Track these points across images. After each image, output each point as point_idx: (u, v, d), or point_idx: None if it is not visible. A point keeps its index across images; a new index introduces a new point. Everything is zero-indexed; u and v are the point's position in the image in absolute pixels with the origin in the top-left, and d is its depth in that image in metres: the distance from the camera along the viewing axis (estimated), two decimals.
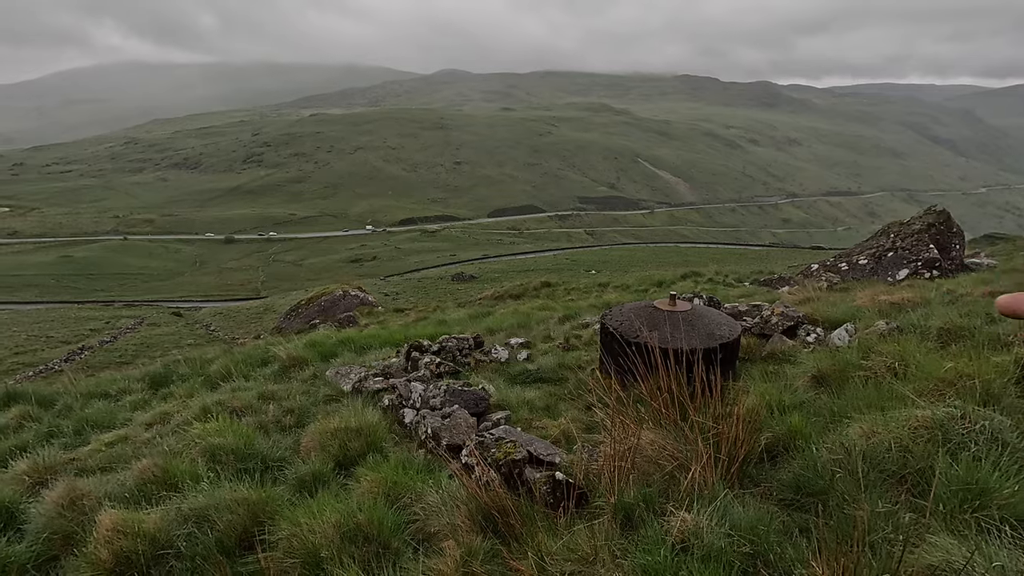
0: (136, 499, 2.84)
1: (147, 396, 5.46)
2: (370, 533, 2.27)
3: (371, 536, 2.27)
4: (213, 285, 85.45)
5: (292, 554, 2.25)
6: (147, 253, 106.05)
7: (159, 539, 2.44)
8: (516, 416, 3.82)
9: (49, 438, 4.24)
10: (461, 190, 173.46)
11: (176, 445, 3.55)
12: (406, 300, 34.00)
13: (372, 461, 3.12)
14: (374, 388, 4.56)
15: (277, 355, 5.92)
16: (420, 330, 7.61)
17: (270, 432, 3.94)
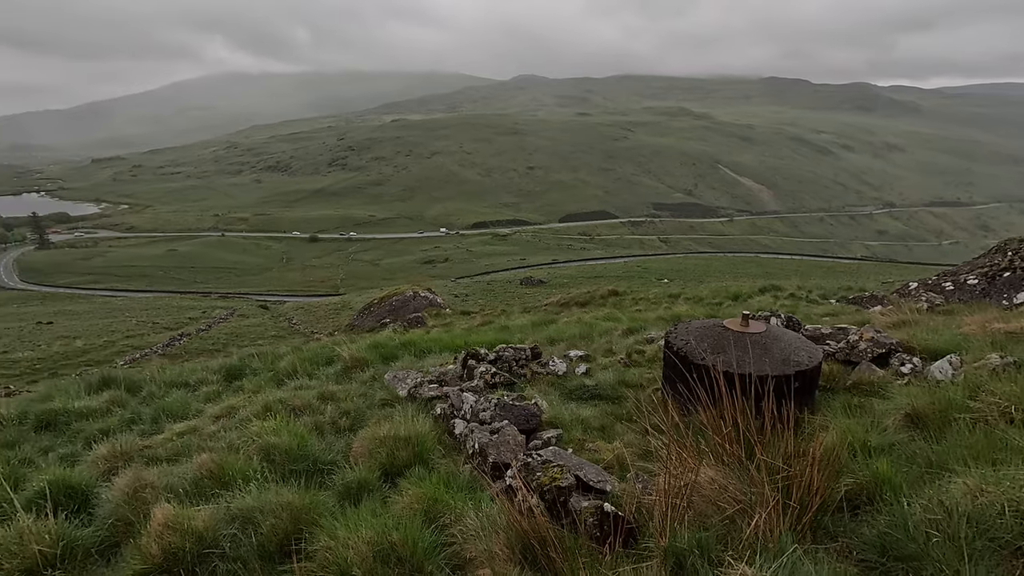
0: (191, 494, 2.94)
1: (220, 388, 5.76)
2: (403, 554, 2.20)
3: (404, 557, 2.19)
4: (297, 281, 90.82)
5: (326, 568, 2.22)
6: (241, 249, 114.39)
7: (206, 538, 2.50)
8: (568, 436, 3.65)
9: (130, 424, 4.55)
10: (533, 195, 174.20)
11: (236, 441, 3.68)
12: (474, 302, 34.48)
13: (417, 474, 3.07)
14: (428, 395, 4.54)
15: (341, 355, 6.07)
16: (481, 336, 7.58)
17: (325, 433, 4.00)
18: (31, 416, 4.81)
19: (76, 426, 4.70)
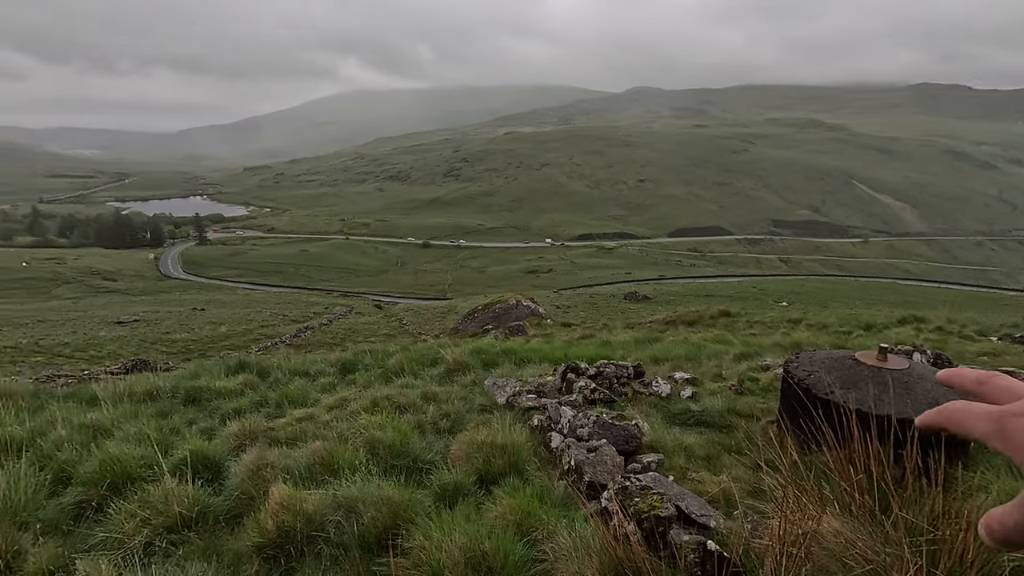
0: (304, 478, 3.16)
1: (336, 380, 6.20)
2: (494, 565, 2.19)
3: (494, 568, 2.18)
4: (409, 284, 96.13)
5: (419, 567, 2.27)
6: (361, 252, 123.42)
7: (314, 521, 2.66)
8: (670, 463, 3.46)
9: (258, 406, 5.03)
10: (642, 208, 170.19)
11: (346, 432, 3.91)
12: (575, 315, 34.22)
13: (511, 484, 3.05)
14: (525, 405, 4.54)
15: (444, 358, 6.27)
16: (581, 349, 7.47)
17: (426, 432, 4.13)
18: (181, 391, 5.49)
19: (215, 403, 5.28)
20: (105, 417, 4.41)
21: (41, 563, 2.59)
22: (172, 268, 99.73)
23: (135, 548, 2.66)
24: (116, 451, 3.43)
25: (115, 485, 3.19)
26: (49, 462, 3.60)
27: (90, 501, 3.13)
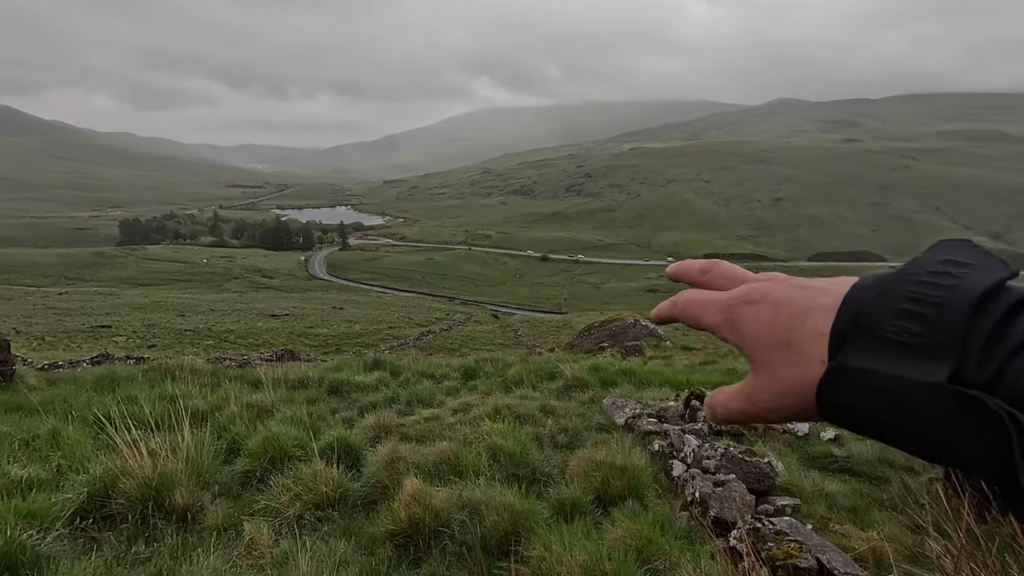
0: (432, 474, 3.36)
1: (459, 385, 6.50)
2: None
3: None
4: (526, 296, 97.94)
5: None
6: (482, 262, 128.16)
7: (441, 517, 2.82)
8: (808, 509, 3.16)
9: (390, 402, 5.43)
10: (776, 228, 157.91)
11: (469, 436, 4.09)
12: (696, 338, 32.56)
13: (631, 508, 2.99)
14: (646, 429, 4.42)
15: (563, 372, 6.31)
16: (704, 376, 7.11)
17: (544, 445, 4.18)
18: (326, 382, 6.10)
19: (354, 396, 5.79)
20: (266, 399, 5.04)
21: (217, 520, 3.02)
22: (318, 269, 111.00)
23: (289, 519, 3.00)
24: (276, 430, 3.90)
25: (274, 460, 3.63)
26: (224, 433, 4.19)
27: (254, 472, 3.59)
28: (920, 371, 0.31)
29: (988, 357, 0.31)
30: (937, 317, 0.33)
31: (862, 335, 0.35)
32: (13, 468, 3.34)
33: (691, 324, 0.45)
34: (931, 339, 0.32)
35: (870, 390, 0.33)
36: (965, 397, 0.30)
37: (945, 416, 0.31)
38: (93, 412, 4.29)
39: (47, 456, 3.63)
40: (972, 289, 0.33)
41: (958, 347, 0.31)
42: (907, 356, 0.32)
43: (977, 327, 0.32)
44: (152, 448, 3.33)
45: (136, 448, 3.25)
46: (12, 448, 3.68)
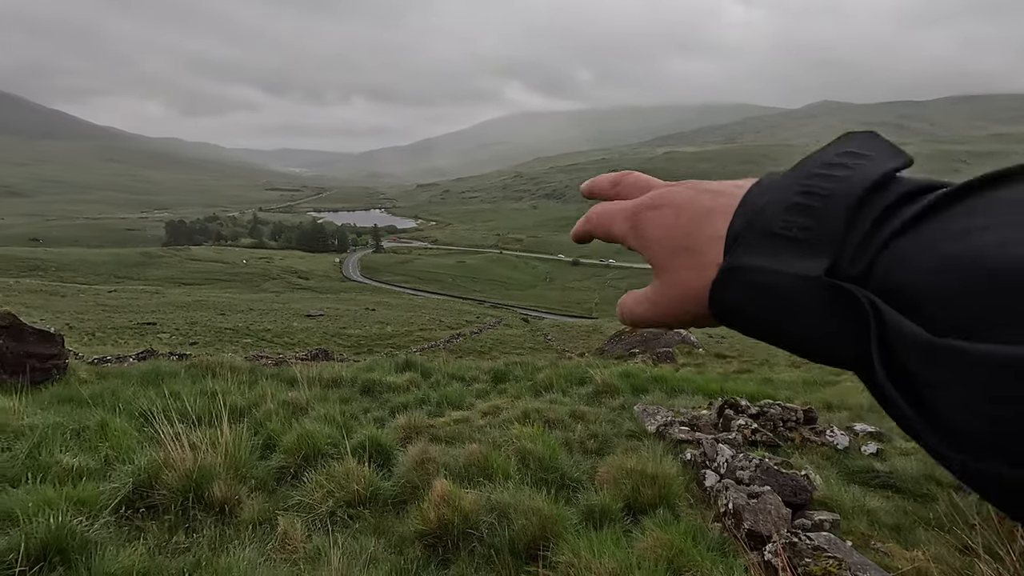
0: (461, 476, 3.37)
1: (488, 388, 6.52)
2: None
3: None
4: (556, 300, 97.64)
5: None
6: (512, 266, 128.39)
7: (470, 519, 2.83)
8: (847, 526, 3.05)
9: (421, 403, 5.48)
10: None
11: (498, 439, 4.09)
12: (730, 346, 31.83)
13: (661, 517, 2.95)
14: (677, 437, 4.34)
15: (593, 378, 6.26)
16: (739, 385, 6.94)
17: (573, 451, 4.16)
18: (359, 381, 6.20)
19: (385, 396, 5.87)
20: (301, 397, 5.16)
21: (253, 513, 3.10)
22: (352, 271, 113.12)
23: (322, 515, 3.06)
24: (310, 428, 3.99)
25: (308, 457, 3.71)
26: (260, 429, 4.31)
27: (289, 468, 3.68)
28: (800, 265, 0.30)
29: (863, 250, 0.29)
30: (823, 210, 0.31)
31: (754, 233, 0.33)
32: (65, 457, 3.51)
33: (604, 238, 0.45)
34: (815, 232, 0.31)
35: (756, 287, 0.32)
36: (835, 289, 0.29)
37: (819, 309, 0.29)
38: (139, 405, 4.47)
39: (96, 446, 3.79)
40: (861, 181, 0.31)
41: (839, 240, 0.30)
42: (793, 251, 0.31)
43: (860, 219, 0.30)
44: (193, 442, 3.45)
45: (178, 441, 3.37)
46: (64, 438, 3.87)
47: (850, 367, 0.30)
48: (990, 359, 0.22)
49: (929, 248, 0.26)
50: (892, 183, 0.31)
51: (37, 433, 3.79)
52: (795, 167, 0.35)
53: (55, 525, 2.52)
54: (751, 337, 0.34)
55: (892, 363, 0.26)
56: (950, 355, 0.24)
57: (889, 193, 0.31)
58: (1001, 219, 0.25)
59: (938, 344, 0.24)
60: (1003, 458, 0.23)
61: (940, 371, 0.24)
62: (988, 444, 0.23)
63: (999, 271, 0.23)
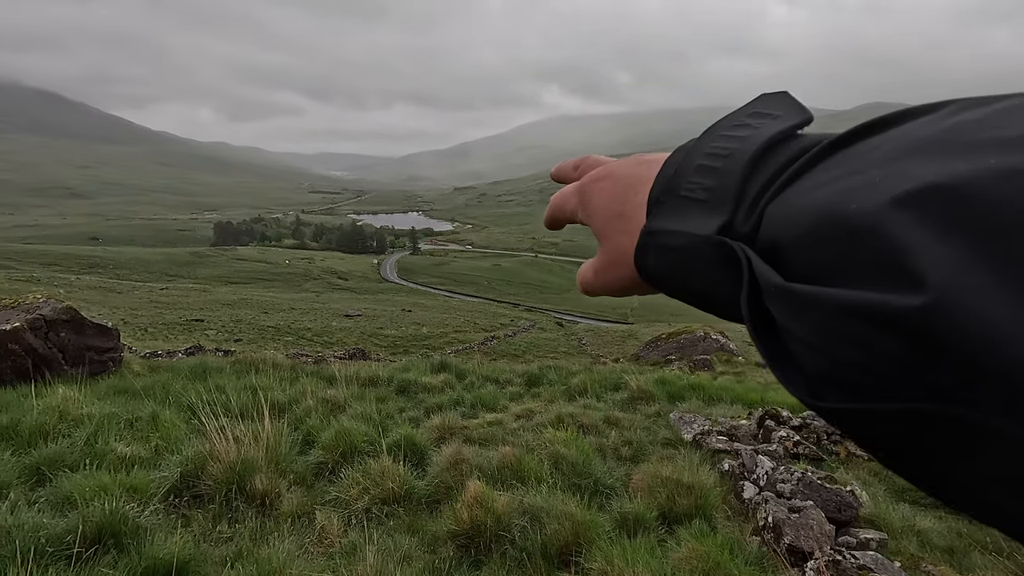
0: (494, 478, 3.39)
1: (522, 391, 6.52)
2: None
3: None
4: (591, 304, 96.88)
5: None
6: (547, 270, 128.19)
7: (502, 521, 2.84)
8: (896, 546, 2.92)
9: (455, 404, 5.53)
10: None
11: (531, 442, 4.09)
12: None
13: (697, 528, 2.89)
14: (715, 447, 4.24)
15: (628, 384, 6.18)
16: (781, 395, 6.73)
17: (607, 457, 4.12)
18: (395, 381, 6.30)
19: (420, 396, 5.95)
20: (339, 395, 5.28)
21: (292, 507, 3.19)
22: (389, 273, 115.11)
23: (358, 511, 3.12)
24: (347, 425, 4.08)
25: (345, 454, 3.79)
26: (300, 425, 4.43)
27: (327, 463, 3.77)
28: (700, 224, 0.31)
29: (754, 207, 0.30)
30: (722, 170, 0.32)
31: (668, 196, 0.34)
32: (119, 445, 3.69)
33: (564, 218, 0.46)
34: (715, 193, 0.32)
35: (667, 248, 0.33)
36: (721, 244, 0.30)
37: (713, 265, 0.30)
38: (187, 398, 4.67)
39: (147, 437, 3.98)
40: (757, 140, 0.32)
41: (735, 198, 0.30)
42: (697, 211, 0.32)
43: (757, 177, 0.31)
44: (237, 435, 3.57)
45: (223, 434, 3.50)
46: (119, 427, 4.07)
47: (733, 319, 0.31)
48: (819, 301, 0.23)
49: (790, 201, 0.27)
50: (790, 140, 0.32)
51: (94, 422, 4.00)
52: (708, 129, 0.35)
53: (109, 510, 2.66)
54: (675, 299, 0.35)
55: (761, 312, 0.27)
56: (791, 298, 0.24)
57: (785, 150, 0.31)
58: (845, 170, 0.26)
59: (784, 288, 0.25)
60: (835, 395, 0.24)
61: (786, 314, 0.25)
62: (826, 382, 0.24)
63: (824, 219, 0.24)
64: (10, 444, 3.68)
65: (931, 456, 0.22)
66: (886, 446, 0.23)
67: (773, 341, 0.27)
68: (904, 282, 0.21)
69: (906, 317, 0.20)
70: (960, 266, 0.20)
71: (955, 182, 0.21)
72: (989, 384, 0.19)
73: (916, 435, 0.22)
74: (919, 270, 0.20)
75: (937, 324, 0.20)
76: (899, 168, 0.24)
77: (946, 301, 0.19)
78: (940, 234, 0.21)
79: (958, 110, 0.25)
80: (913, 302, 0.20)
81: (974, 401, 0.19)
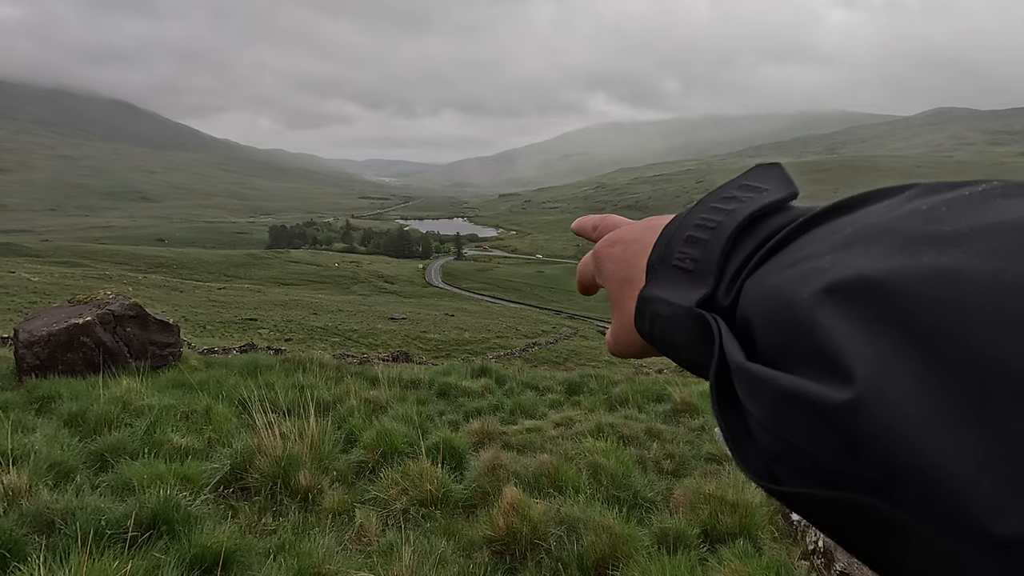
0: (531, 486, 3.36)
1: (562, 398, 6.47)
2: None
3: None
4: None
5: None
6: None
7: (539, 530, 2.81)
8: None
9: (495, 409, 5.53)
10: None
11: (570, 451, 4.04)
12: None
13: (741, 548, 2.77)
14: None
15: (671, 395, 6.04)
16: None
17: (647, 470, 4.02)
18: (436, 384, 6.37)
19: (460, 400, 5.98)
20: (382, 396, 5.37)
21: (333, 503, 3.26)
22: (434, 277, 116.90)
23: (396, 511, 3.16)
24: (389, 426, 4.14)
25: (386, 454, 3.86)
26: (343, 424, 4.53)
27: (367, 463, 3.84)
28: (683, 295, 0.32)
29: (734, 280, 0.31)
30: (708, 242, 0.33)
31: (661, 264, 0.36)
32: (175, 436, 3.87)
33: (589, 283, 0.48)
34: (701, 264, 0.33)
35: (658, 317, 0.34)
36: (699, 317, 0.30)
37: (695, 336, 0.31)
38: (239, 394, 4.86)
39: (201, 429, 4.16)
40: (742, 214, 0.33)
41: (717, 271, 0.32)
42: (684, 282, 0.33)
43: (738, 251, 0.32)
44: (283, 431, 3.69)
45: (271, 430, 3.62)
46: (175, 419, 4.27)
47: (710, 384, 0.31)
48: (767, 383, 0.24)
49: (761, 280, 0.28)
50: (773, 215, 0.33)
51: (154, 413, 4.22)
52: (701, 200, 0.36)
53: (164, 497, 2.79)
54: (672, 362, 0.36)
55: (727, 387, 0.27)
56: (746, 376, 0.25)
57: (767, 226, 0.32)
58: (808, 251, 0.26)
59: (740, 366, 0.25)
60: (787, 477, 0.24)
61: (744, 392, 0.26)
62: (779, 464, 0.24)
63: (780, 303, 0.25)
64: (78, 431, 3.93)
65: (870, 546, 0.22)
66: (832, 530, 0.23)
67: (735, 419, 0.27)
68: (834, 375, 0.21)
69: (834, 410, 0.21)
70: (884, 365, 0.20)
71: (885, 277, 0.22)
72: (904, 483, 0.19)
73: (853, 523, 0.22)
74: (846, 364, 0.21)
75: (860, 421, 0.20)
76: (847, 256, 0.24)
77: (869, 399, 0.20)
78: (867, 328, 0.21)
79: (915, 196, 0.26)
80: (840, 396, 0.21)
81: (894, 498, 0.20)
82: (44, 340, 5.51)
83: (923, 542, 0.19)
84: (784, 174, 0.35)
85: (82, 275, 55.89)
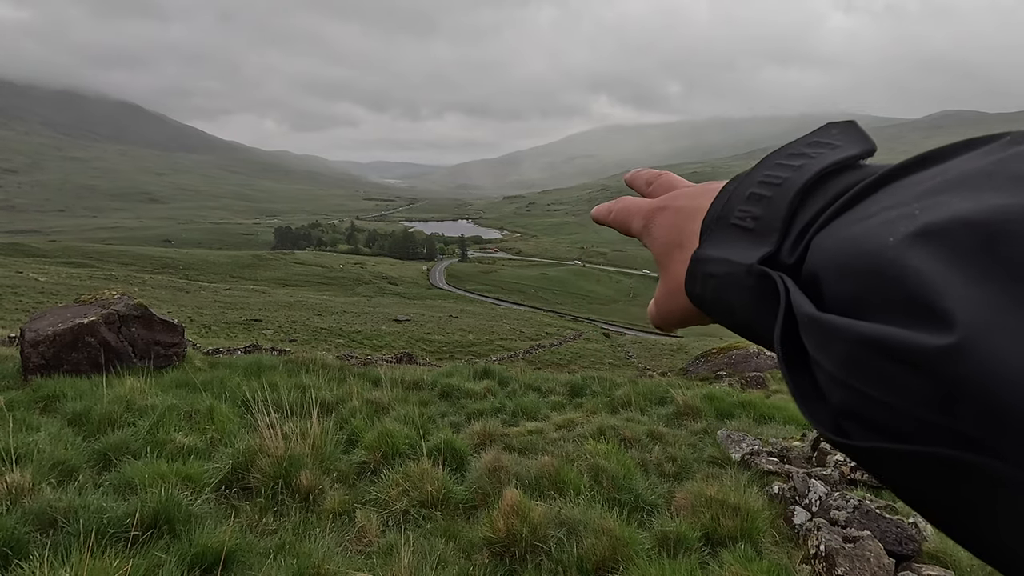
0: (532, 488, 3.36)
1: (564, 400, 6.46)
2: None
3: None
4: (639, 316, 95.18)
5: None
6: (595, 280, 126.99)
7: (538, 532, 2.81)
8: None
9: (497, 411, 5.53)
10: None
11: (572, 453, 4.04)
12: None
13: (742, 552, 2.76)
14: (764, 468, 4.06)
15: (674, 398, 6.02)
16: None
17: (649, 472, 4.01)
18: (438, 386, 6.37)
19: (462, 402, 5.99)
20: (384, 397, 5.38)
21: (334, 504, 3.27)
22: (438, 279, 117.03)
23: (396, 512, 3.17)
24: (390, 427, 4.15)
25: (387, 455, 3.86)
26: (345, 425, 4.54)
27: (369, 464, 3.84)
28: (743, 253, 0.31)
29: (802, 237, 0.29)
30: (773, 199, 0.32)
31: (717, 224, 0.34)
32: (178, 436, 3.89)
33: (622, 231, 0.46)
34: (763, 221, 0.31)
35: (712, 277, 0.33)
36: (762, 274, 0.29)
37: (755, 295, 0.30)
38: (242, 394, 4.87)
39: (204, 428, 4.18)
40: (812, 169, 0.31)
41: (782, 228, 0.30)
42: (744, 240, 0.32)
43: (807, 207, 0.30)
44: (285, 432, 3.70)
45: (273, 430, 3.63)
46: (179, 418, 4.29)
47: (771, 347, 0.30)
48: (844, 332, 0.22)
49: (834, 233, 0.27)
50: (846, 171, 0.31)
51: (157, 413, 4.24)
52: (764, 158, 0.35)
53: (166, 497, 2.80)
54: (723, 327, 0.34)
55: (796, 345, 0.26)
56: (819, 328, 0.24)
57: (839, 181, 0.30)
58: (891, 202, 0.25)
59: (814, 317, 0.24)
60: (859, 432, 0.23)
61: (815, 345, 0.24)
62: (850, 418, 0.23)
63: (860, 252, 0.24)
64: (82, 430, 3.95)
65: (953, 504, 0.20)
66: (908, 489, 0.22)
67: (802, 375, 0.26)
68: (930, 320, 0.20)
69: (930, 357, 0.19)
70: (990, 308, 0.19)
71: (987, 216, 0.20)
72: (1015, 433, 0.18)
73: (937, 481, 0.20)
74: (946, 308, 0.20)
75: (962, 367, 0.19)
76: (939, 201, 0.23)
77: (973, 344, 0.18)
78: (970, 270, 0.20)
79: (1011, 142, 0.24)
80: (938, 342, 0.19)
81: (998, 451, 0.18)
82: (49, 340, 5.55)
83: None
84: (859, 130, 0.34)
85: (89, 275, 56.24)
